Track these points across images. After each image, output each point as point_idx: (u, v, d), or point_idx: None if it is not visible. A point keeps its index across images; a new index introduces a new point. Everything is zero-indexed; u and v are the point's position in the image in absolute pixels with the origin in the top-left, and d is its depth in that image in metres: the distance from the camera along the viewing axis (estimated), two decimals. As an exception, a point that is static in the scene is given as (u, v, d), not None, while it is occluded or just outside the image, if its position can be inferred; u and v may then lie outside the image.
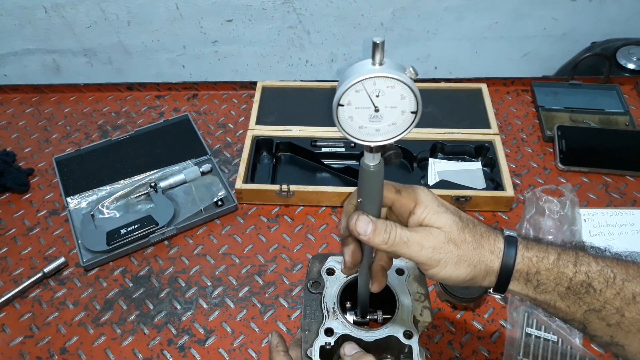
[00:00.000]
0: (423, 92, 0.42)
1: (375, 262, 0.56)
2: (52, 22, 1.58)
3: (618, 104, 1.18)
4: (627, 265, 0.50)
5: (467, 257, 0.49)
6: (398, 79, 0.41)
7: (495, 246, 0.50)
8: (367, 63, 0.42)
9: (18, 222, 1.04)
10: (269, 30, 1.61)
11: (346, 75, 0.42)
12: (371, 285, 0.57)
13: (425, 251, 0.48)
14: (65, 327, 0.88)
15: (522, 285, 0.50)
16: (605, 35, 1.61)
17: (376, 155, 0.46)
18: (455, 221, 0.50)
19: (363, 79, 0.41)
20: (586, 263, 0.49)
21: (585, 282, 0.49)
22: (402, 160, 1.09)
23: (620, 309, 0.49)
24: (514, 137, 1.15)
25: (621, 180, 1.06)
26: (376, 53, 0.41)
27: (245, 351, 0.84)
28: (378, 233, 0.48)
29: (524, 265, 0.49)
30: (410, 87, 0.42)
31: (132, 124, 1.23)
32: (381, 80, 0.41)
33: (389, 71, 0.41)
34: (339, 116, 0.43)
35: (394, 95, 0.42)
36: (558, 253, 0.50)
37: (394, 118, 0.44)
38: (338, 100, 0.42)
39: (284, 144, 1.12)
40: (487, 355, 0.82)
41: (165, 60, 1.70)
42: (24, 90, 1.32)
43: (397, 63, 0.42)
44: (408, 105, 0.43)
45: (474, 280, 0.50)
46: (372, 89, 0.42)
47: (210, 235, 1.01)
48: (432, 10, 1.57)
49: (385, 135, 0.45)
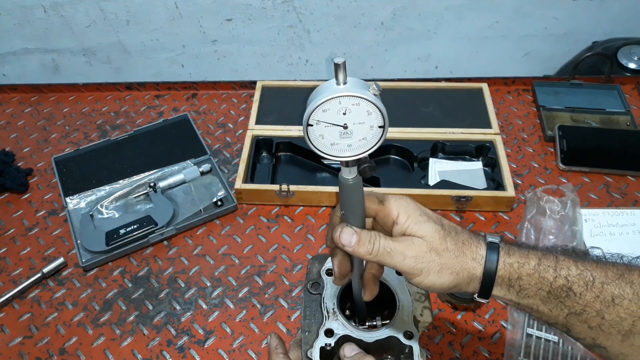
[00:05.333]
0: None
1: (366, 271, 0.57)
2: (51, 22, 1.57)
3: (619, 104, 1.18)
4: (606, 268, 0.50)
5: (449, 265, 0.50)
6: (361, 97, 0.43)
7: (477, 253, 0.51)
8: (332, 83, 0.44)
9: (17, 222, 1.04)
10: (269, 29, 1.61)
11: (313, 96, 0.45)
12: (363, 293, 0.57)
13: (408, 261, 0.49)
14: (64, 328, 0.88)
15: (505, 290, 0.51)
16: (606, 35, 1.60)
17: (352, 169, 0.48)
18: (437, 230, 0.50)
19: (328, 99, 0.43)
20: (566, 267, 0.50)
21: (566, 286, 0.49)
22: (402, 160, 1.09)
23: (600, 311, 0.49)
24: (514, 136, 1.15)
25: (622, 180, 1.05)
26: (339, 73, 0.43)
27: (244, 352, 0.84)
28: (362, 244, 0.49)
29: (506, 271, 0.50)
30: (374, 103, 0.44)
31: (131, 124, 1.22)
32: (346, 99, 0.44)
33: (352, 90, 0.43)
34: (309, 135, 0.46)
35: (360, 112, 0.44)
36: (539, 258, 0.50)
37: (364, 133, 0.46)
38: (307, 121, 0.45)
39: (284, 144, 1.12)
40: (488, 355, 0.81)
41: (165, 60, 1.70)
42: (23, 90, 1.32)
43: (361, 81, 0.44)
44: (375, 120, 0.45)
45: (458, 287, 0.51)
46: (338, 107, 0.44)
47: (210, 235, 1.00)
48: (432, 9, 1.57)
49: (357, 150, 0.47)
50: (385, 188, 0.99)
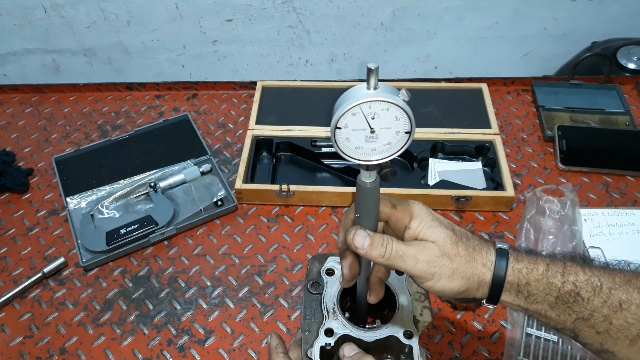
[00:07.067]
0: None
1: (373, 274, 0.57)
2: (51, 22, 1.58)
3: (618, 104, 1.18)
4: (613, 273, 0.51)
5: (460, 270, 0.50)
6: (393, 102, 0.44)
7: (487, 259, 0.51)
8: (362, 87, 0.44)
9: (18, 222, 1.04)
10: (269, 29, 1.61)
11: (342, 100, 0.45)
12: (369, 296, 0.58)
13: (420, 265, 0.50)
14: (64, 328, 0.88)
15: (513, 296, 0.52)
16: (605, 35, 1.61)
17: (372, 173, 0.49)
18: (449, 235, 0.51)
19: (359, 103, 0.43)
20: (574, 273, 0.50)
21: (574, 292, 0.50)
22: (402, 160, 1.09)
23: (608, 316, 0.50)
24: (514, 137, 1.15)
25: (621, 180, 1.06)
26: (371, 78, 0.43)
27: (245, 351, 0.84)
28: (375, 247, 0.50)
29: (515, 277, 0.51)
30: (404, 109, 0.44)
31: (131, 124, 1.23)
32: (377, 103, 0.44)
33: (384, 95, 0.43)
34: (336, 138, 0.46)
35: (388, 117, 0.45)
36: (547, 264, 0.51)
37: (389, 138, 0.46)
38: (335, 124, 0.45)
39: (284, 144, 1.12)
40: (488, 355, 0.82)
41: (165, 60, 1.70)
42: (24, 90, 1.32)
43: (391, 87, 0.45)
44: (402, 126, 0.45)
45: (468, 292, 0.52)
46: (367, 111, 0.44)
47: (210, 235, 1.00)
48: (432, 10, 1.57)
49: (380, 155, 0.47)
50: (385, 188, 0.99)
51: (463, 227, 0.98)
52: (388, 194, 0.54)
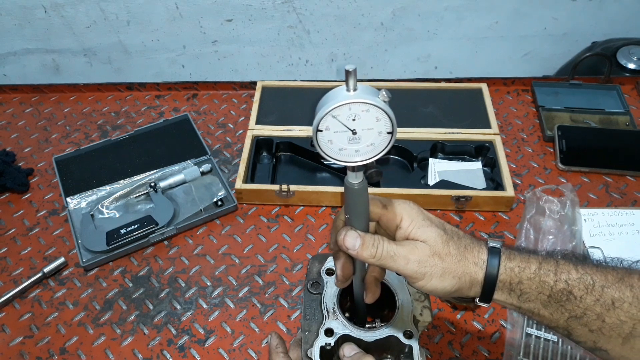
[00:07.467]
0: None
1: (368, 274, 0.57)
2: (51, 22, 1.58)
3: (618, 104, 1.18)
4: (606, 271, 0.51)
5: (451, 270, 0.50)
6: (371, 104, 0.43)
7: (479, 258, 0.51)
8: (342, 89, 0.44)
9: (18, 222, 1.04)
10: (269, 29, 1.61)
11: (322, 103, 0.45)
12: (365, 296, 0.58)
13: (411, 265, 0.50)
14: (65, 327, 0.88)
15: (506, 294, 0.51)
16: (605, 35, 1.61)
17: (359, 174, 0.49)
18: (440, 234, 0.51)
19: (338, 105, 0.44)
20: (566, 271, 0.50)
21: (566, 290, 0.50)
22: (402, 160, 1.09)
23: (600, 314, 0.50)
24: (514, 137, 1.15)
25: (621, 180, 1.06)
26: (349, 80, 0.43)
27: (245, 351, 0.84)
28: (366, 247, 0.50)
29: (507, 276, 0.51)
30: (384, 110, 0.44)
31: (131, 124, 1.23)
32: (356, 105, 0.44)
33: (362, 96, 0.43)
34: (318, 141, 0.46)
35: (369, 118, 0.45)
36: (539, 262, 0.51)
37: (372, 139, 0.46)
38: (316, 127, 0.45)
39: (284, 144, 1.12)
40: (487, 355, 0.82)
41: (165, 60, 1.70)
42: (24, 90, 1.32)
43: (371, 87, 0.45)
44: (384, 127, 0.45)
45: (460, 292, 0.52)
46: (347, 113, 0.44)
47: (210, 235, 1.00)
48: (432, 9, 1.57)
49: (364, 156, 0.47)
50: (385, 188, 0.99)
51: (463, 227, 0.98)
52: (388, 194, 0.54)
